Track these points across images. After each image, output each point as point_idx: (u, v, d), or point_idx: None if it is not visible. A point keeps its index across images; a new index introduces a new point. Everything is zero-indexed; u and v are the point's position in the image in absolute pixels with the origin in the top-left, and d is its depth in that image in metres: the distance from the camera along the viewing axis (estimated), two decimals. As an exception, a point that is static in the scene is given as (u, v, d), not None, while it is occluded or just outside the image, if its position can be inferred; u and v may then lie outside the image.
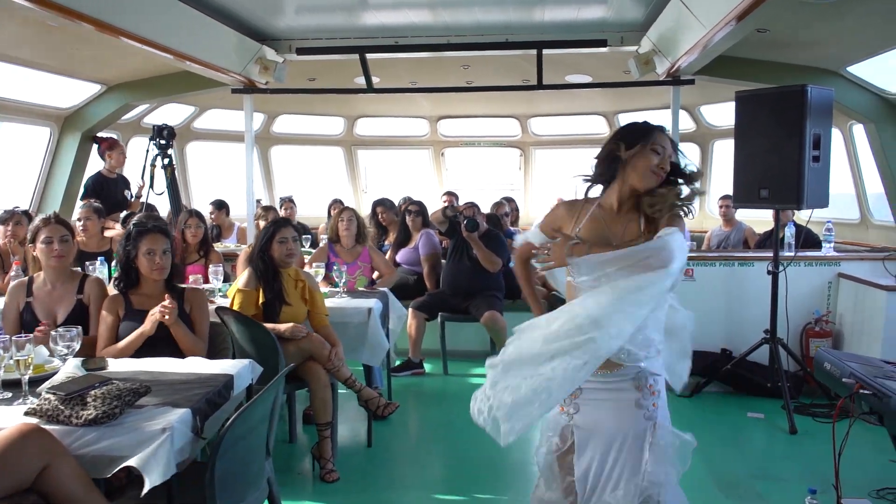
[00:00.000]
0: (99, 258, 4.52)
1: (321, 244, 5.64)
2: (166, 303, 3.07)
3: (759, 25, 4.28)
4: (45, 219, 3.39)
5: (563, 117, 8.66)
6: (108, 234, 5.10)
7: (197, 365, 2.82)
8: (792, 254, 5.19)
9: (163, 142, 5.88)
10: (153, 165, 5.91)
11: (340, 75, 6.68)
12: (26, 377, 2.36)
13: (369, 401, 4.02)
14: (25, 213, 5.17)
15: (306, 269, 5.00)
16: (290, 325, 3.78)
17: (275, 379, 2.44)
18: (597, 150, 7.36)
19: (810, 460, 4.01)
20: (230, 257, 5.53)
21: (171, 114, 7.45)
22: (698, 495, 3.61)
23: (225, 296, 4.25)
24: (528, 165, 9.01)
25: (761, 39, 4.81)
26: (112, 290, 3.41)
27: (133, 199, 6.20)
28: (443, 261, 6.38)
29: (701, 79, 5.47)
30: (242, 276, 3.95)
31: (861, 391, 2.65)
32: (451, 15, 5.20)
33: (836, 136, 6.07)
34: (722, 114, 7.62)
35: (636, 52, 5.41)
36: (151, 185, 5.90)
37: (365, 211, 8.59)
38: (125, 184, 6.25)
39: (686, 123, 7.76)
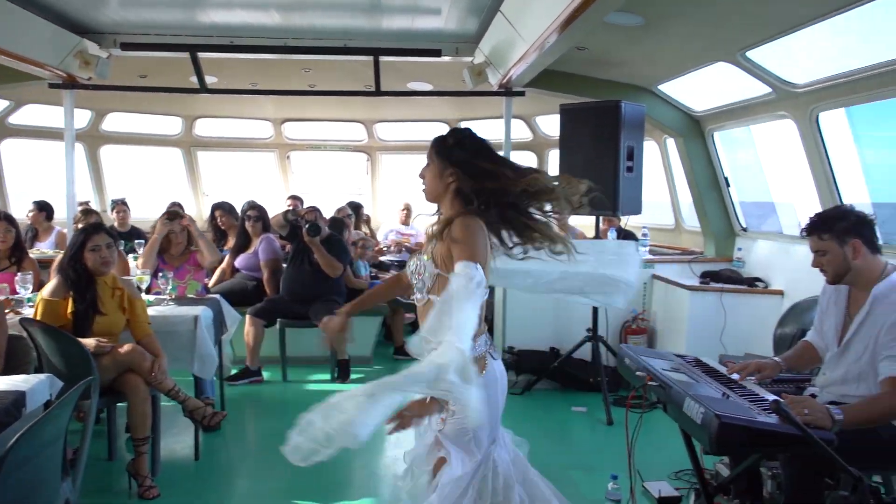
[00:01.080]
0: None
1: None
2: None
3: (577, 44, 4.57)
4: None
5: (408, 123, 8.79)
6: None
7: (-14, 381, 2.61)
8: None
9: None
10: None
11: (175, 74, 6.38)
12: None
13: (194, 411, 3.89)
14: None
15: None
16: (93, 340, 3.57)
17: (66, 395, 2.31)
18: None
19: (623, 448, 4.29)
20: (46, 264, 5.13)
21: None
22: (520, 489, 3.80)
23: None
24: (374, 170, 9.06)
25: (582, 57, 5.15)
26: None
27: None
28: (283, 265, 6.29)
29: (531, 91, 5.74)
30: (49, 284, 3.70)
31: (650, 383, 2.89)
32: (287, 17, 5.13)
33: (654, 148, 6.60)
34: (555, 124, 8.03)
35: (471, 63, 5.59)
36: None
37: (205, 214, 8.32)
38: None
39: (524, 133, 8.12)
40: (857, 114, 4.35)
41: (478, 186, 2.30)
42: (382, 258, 7.71)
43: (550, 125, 8.10)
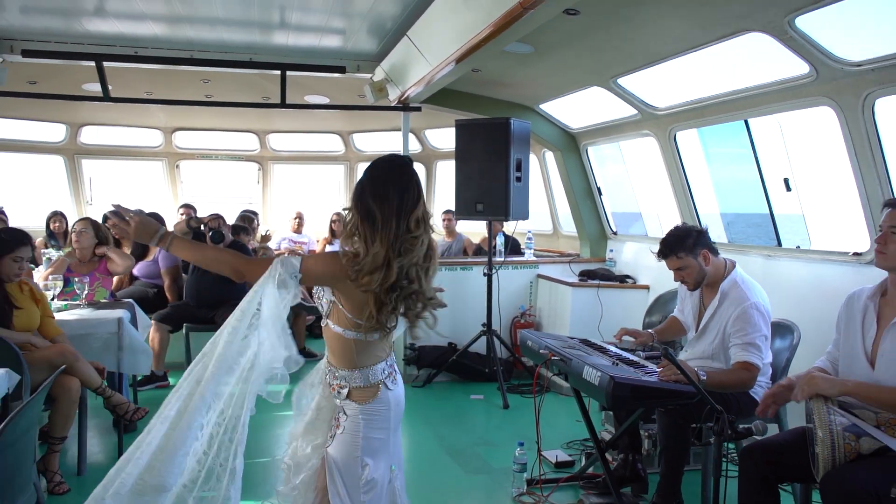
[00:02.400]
0: None
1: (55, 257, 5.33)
2: None
3: (473, 67, 5.09)
4: None
5: (301, 134, 9.03)
6: None
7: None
8: (502, 259, 6.15)
9: None
10: None
11: (66, 80, 6.35)
12: None
13: (118, 406, 4.06)
14: None
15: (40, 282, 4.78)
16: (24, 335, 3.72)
17: (47, 382, 2.49)
18: (335, 167, 7.80)
19: (519, 427, 4.86)
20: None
21: None
22: (431, 463, 4.26)
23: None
24: (266, 179, 9.20)
25: (476, 77, 5.69)
26: None
27: None
28: (183, 274, 6.38)
29: (427, 107, 6.22)
30: None
31: (552, 358, 3.42)
32: (194, 30, 5.28)
33: (534, 161, 7.28)
34: (443, 137, 8.59)
35: (371, 80, 5.99)
36: None
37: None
38: None
39: (413, 145, 8.59)
40: (708, 135, 5.17)
41: None
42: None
43: (438, 138, 8.64)
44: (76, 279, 4.74)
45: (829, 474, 2.37)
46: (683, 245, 3.45)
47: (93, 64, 5.40)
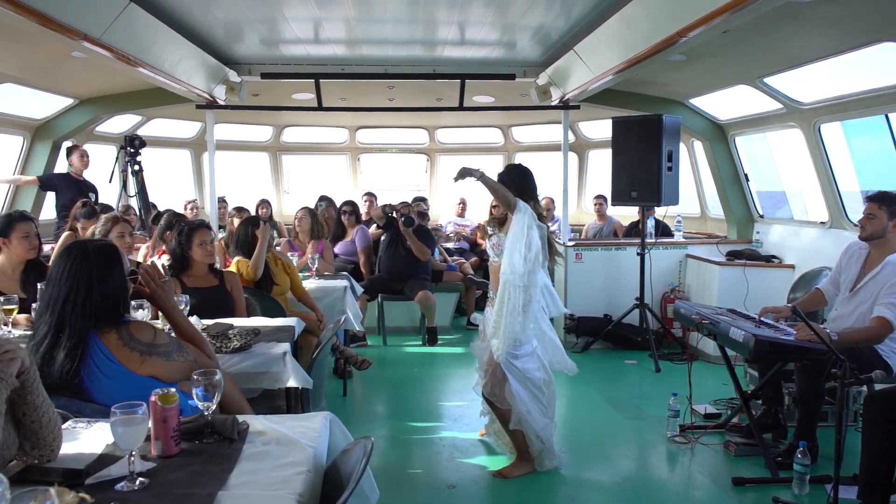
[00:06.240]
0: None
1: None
2: None
3: (631, 75, 5.81)
4: None
5: (465, 129, 10.05)
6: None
7: (266, 321, 3.91)
8: (653, 240, 6.83)
9: (132, 150, 6.65)
10: (124, 171, 6.65)
11: (279, 92, 7.67)
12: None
13: (349, 357, 5.24)
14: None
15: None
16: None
17: (336, 325, 3.61)
18: (494, 157, 9.12)
19: (671, 386, 5.55)
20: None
21: (116, 122, 8.03)
22: (597, 412, 5.11)
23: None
24: (433, 169, 10.32)
25: (631, 79, 6.38)
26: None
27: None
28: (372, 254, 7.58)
29: (586, 105, 6.99)
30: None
31: (702, 322, 4.16)
32: (394, 49, 6.35)
33: (683, 150, 7.84)
34: (595, 129, 9.28)
35: (535, 84, 6.84)
36: (125, 188, 6.65)
37: (286, 209, 9.68)
38: (89, 188, 6.86)
39: (569, 136, 9.36)
40: (850, 125, 5.60)
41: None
42: (446, 245, 8.98)
43: (590, 130, 9.35)
44: (311, 255, 5.98)
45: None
46: (891, 205, 3.98)
47: (311, 81, 6.62)
